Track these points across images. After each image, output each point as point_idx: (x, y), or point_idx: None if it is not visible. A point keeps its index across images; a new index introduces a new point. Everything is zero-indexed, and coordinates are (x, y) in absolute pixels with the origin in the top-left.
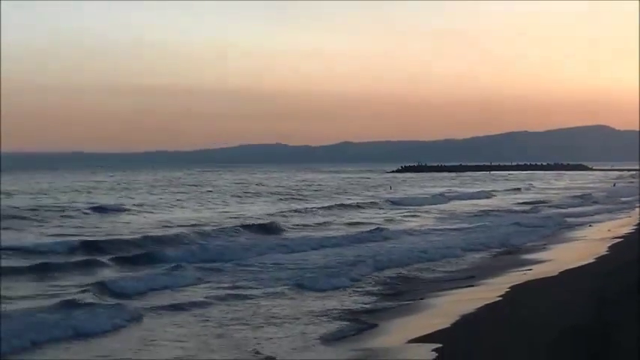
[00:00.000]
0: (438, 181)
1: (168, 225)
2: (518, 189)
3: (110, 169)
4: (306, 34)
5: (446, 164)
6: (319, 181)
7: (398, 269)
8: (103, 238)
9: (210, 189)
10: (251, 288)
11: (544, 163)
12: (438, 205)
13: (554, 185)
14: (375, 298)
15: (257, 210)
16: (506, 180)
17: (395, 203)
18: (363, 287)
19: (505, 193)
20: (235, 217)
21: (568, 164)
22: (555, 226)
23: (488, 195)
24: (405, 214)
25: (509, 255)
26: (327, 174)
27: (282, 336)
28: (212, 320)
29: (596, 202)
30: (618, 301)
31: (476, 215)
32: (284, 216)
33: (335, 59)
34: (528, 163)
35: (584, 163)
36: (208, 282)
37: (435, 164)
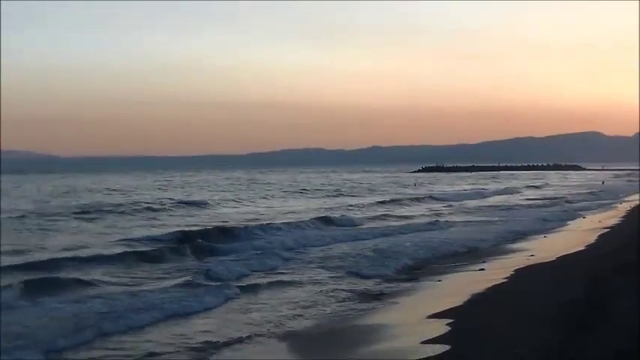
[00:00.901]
0: (459, 179)
1: (250, 217)
2: (538, 186)
3: (175, 171)
4: (342, 57)
5: (460, 165)
6: (358, 179)
7: (439, 256)
8: (196, 229)
9: (269, 187)
10: (314, 274)
11: (544, 164)
12: (476, 200)
13: (564, 183)
14: (404, 280)
15: (318, 204)
16: (517, 179)
17: (436, 199)
18: (403, 271)
19: (527, 189)
20: (303, 212)
21: (565, 165)
22: (570, 218)
23: (514, 191)
24: (448, 208)
25: (519, 242)
26: (362, 174)
27: (322, 313)
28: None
29: (599, 197)
30: (608, 280)
31: (509, 209)
32: (347, 209)
33: (365, 77)
34: (531, 164)
35: (579, 164)
36: (284, 267)
37: (451, 165)
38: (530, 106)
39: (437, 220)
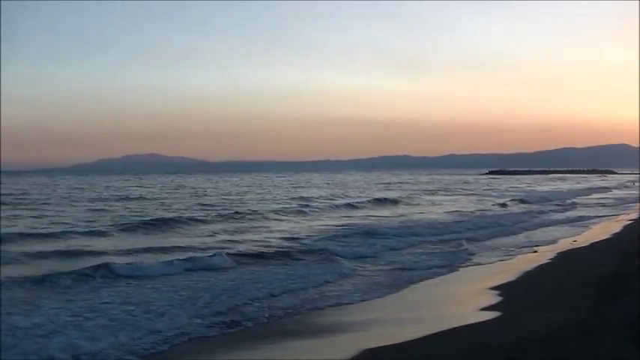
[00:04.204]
0: (538, 181)
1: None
2: (615, 186)
3: (301, 173)
4: (425, 83)
5: (519, 169)
6: (459, 180)
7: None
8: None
9: (412, 186)
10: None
11: (585, 169)
12: (579, 198)
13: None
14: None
15: (473, 200)
16: (588, 180)
17: (547, 199)
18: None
19: (616, 189)
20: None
21: (601, 170)
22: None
23: (604, 190)
24: (569, 205)
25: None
26: (446, 176)
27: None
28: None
29: None
30: (631, 260)
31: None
32: (498, 205)
33: (443, 99)
34: (575, 169)
35: (613, 169)
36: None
37: (512, 169)
38: (572, 122)
39: (581, 216)
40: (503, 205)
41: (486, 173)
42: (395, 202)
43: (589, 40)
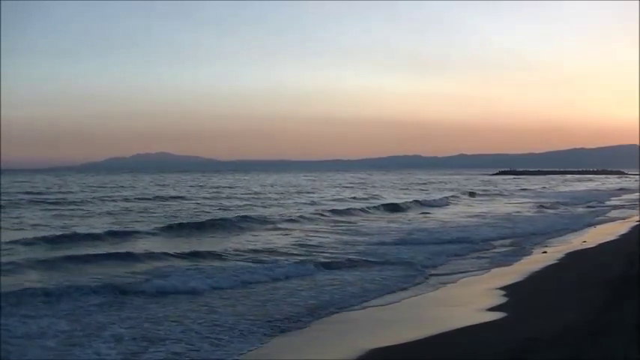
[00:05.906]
0: (562, 182)
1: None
2: None
3: (314, 172)
4: (436, 83)
5: (529, 169)
6: (478, 181)
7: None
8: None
9: (444, 185)
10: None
11: (594, 169)
12: (616, 200)
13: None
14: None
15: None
16: (609, 181)
17: (583, 200)
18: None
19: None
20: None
21: (611, 170)
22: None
23: (633, 191)
24: (610, 206)
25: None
26: (460, 176)
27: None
28: None
29: None
30: None
31: None
32: (541, 207)
33: (454, 99)
34: (585, 169)
35: (622, 170)
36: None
37: (522, 169)
38: (582, 123)
39: (622, 217)
40: (548, 206)
41: (496, 173)
42: (440, 204)
43: (599, 41)
